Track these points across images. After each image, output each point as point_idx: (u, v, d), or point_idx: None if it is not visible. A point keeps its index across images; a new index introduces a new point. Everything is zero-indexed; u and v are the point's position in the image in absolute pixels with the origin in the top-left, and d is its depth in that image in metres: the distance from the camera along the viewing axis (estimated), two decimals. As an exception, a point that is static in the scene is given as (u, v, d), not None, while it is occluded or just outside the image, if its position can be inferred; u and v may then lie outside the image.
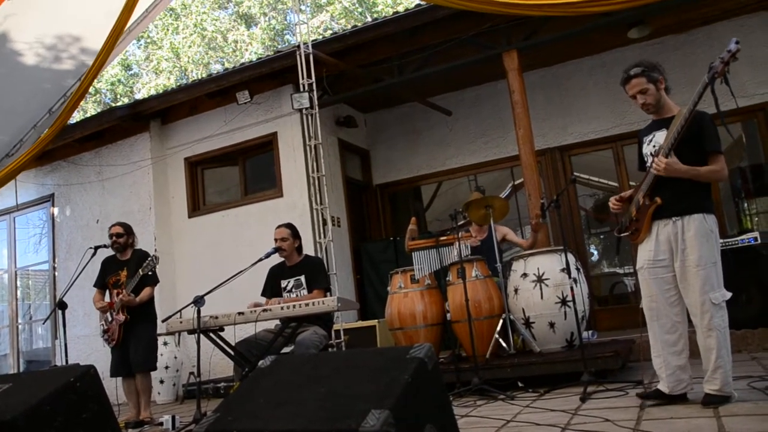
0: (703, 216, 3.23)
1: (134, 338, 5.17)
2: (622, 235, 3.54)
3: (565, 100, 7.93)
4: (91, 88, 6.41)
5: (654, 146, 3.39)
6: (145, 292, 5.22)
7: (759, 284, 5.28)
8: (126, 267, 5.32)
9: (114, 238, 5.38)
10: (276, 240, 4.96)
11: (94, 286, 5.49)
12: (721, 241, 3.57)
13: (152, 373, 5.43)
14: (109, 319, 5.21)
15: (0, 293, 9.69)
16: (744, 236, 5.44)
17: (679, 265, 3.24)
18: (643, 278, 3.39)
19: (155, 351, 5.37)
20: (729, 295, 3.21)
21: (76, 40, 6.63)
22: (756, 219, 7.42)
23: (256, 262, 4.71)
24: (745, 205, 7.52)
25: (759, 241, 5.32)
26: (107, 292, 5.44)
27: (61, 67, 6.83)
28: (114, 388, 5.91)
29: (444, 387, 2.07)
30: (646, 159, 3.47)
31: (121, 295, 5.07)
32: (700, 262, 3.17)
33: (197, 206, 8.28)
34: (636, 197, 3.45)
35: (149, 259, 5.05)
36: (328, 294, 4.94)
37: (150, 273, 5.15)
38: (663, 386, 3.32)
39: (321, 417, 1.77)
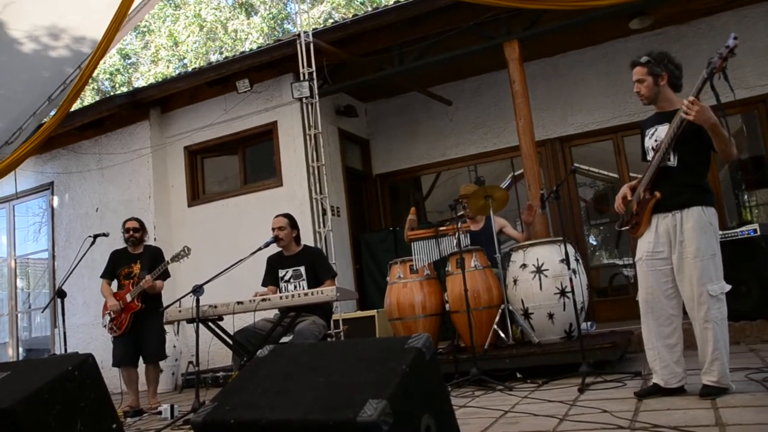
0: (701, 209, 3.22)
1: (146, 329, 5.30)
2: (622, 229, 3.53)
3: (566, 90, 7.90)
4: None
5: (656, 140, 3.35)
6: (158, 284, 5.34)
7: (758, 276, 5.28)
8: (139, 260, 5.43)
9: (131, 232, 5.49)
10: (273, 229, 4.96)
11: (102, 276, 5.53)
12: (721, 233, 3.55)
13: (151, 362, 5.50)
14: (119, 309, 5.26)
15: (-1, 281, 9.70)
16: (743, 228, 5.43)
17: (677, 257, 3.24)
18: (641, 270, 3.38)
19: (164, 341, 5.51)
20: (728, 287, 3.20)
21: (74, 28, 6.62)
22: (756, 211, 7.41)
23: (255, 252, 4.71)
24: (745, 197, 7.52)
25: (758, 233, 5.31)
26: (116, 284, 5.52)
27: (60, 55, 6.82)
28: (113, 377, 5.95)
29: (442, 377, 2.07)
30: (647, 152, 3.45)
31: (148, 276, 5.17)
32: (698, 253, 3.16)
33: (197, 195, 8.27)
34: (637, 191, 3.43)
35: (182, 249, 5.10)
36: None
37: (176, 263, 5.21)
38: (658, 379, 3.32)
39: (319, 407, 1.77)
